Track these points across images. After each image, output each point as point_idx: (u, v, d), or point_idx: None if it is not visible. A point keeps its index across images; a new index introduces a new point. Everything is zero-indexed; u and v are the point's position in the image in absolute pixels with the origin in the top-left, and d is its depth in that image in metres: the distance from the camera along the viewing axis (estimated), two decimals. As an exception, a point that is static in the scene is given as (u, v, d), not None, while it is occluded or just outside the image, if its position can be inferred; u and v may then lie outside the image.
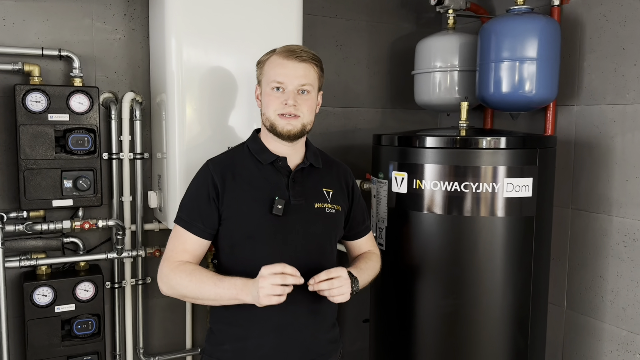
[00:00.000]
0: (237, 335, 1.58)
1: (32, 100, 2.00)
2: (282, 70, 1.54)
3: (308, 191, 1.62)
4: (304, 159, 1.65)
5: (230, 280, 1.48)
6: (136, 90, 2.30)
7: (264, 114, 1.59)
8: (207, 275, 1.51)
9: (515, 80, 2.15)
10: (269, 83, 1.56)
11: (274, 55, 1.58)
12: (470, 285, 1.96)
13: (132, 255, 2.28)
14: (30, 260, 2.10)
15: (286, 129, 1.55)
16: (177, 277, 1.51)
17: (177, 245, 1.57)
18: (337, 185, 1.71)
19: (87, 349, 2.17)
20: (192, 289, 1.50)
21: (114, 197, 2.28)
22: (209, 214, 1.55)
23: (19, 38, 2.10)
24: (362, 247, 1.81)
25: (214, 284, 1.48)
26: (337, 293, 1.49)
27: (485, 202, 1.90)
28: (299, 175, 1.62)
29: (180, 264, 1.54)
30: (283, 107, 1.54)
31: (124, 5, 2.27)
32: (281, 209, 1.54)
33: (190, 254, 1.57)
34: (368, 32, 2.78)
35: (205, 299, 1.52)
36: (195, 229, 1.56)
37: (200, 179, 1.60)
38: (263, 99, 1.60)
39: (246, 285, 1.45)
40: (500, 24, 2.17)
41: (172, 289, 1.53)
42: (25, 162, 2.01)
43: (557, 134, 2.37)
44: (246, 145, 1.66)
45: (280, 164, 1.60)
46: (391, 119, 2.90)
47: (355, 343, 2.88)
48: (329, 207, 1.64)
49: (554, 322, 2.40)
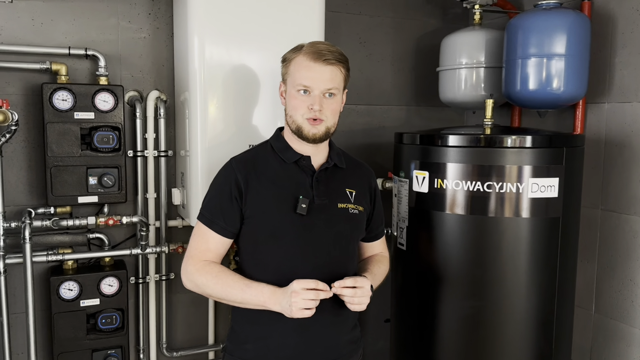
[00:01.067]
0: (259, 334, 1.58)
1: (58, 98, 2.05)
2: (308, 73, 1.52)
3: (332, 191, 1.61)
4: (328, 159, 1.64)
5: (257, 287, 1.50)
6: (161, 88, 2.33)
7: (290, 115, 1.57)
8: (233, 279, 1.52)
9: (543, 77, 2.10)
10: (294, 85, 1.54)
11: (300, 54, 1.54)
12: (492, 287, 1.92)
13: (156, 252, 2.31)
14: (57, 255, 2.15)
15: (311, 132, 1.55)
16: (203, 277, 1.54)
17: (200, 243, 1.58)
18: (361, 186, 1.69)
19: (111, 343, 2.21)
20: (218, 290, 1.53)
21: (139, 194, 2.32)
22: (231, 212, 1.55)
23: (48, 38, 2.15)
24: (374, 249, 1.80)
25: (240, 289, 1.50)
26: (357, 302, 1.51)
27: (510, 202, 1.86)
28: (323, 174, 1.61)
29: (205, 264, 1.55)
30: (309, 111, 1.53)
31: (148, 5, 2.29)
32: (305, 208, 1.54)
33: (213, 252, 1.58)
34: (393, 29, 2.75)
35: (232, 301, 1.55)
36: (217, 227, 1.56)
37: (223, 177, 1.59)
38: (288, 100, 1.58)
39: (274, 295, 1.47)
40: (527, 19, 2.12)
41: (197, 287, 1.56)
42: (52, 159, 2.06)
43: (586, 132, 2.30)
44: (269, 144, 1.65)
45: (304, 163, 1.59)
46: (416, 116, 2.86)
47: (377, 343, 2.86)
48: (352, 208, 1.63)
49: (581, 326, 2.34)
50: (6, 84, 2.10)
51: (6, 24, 2.09)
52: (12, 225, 2.06)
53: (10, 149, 2.12)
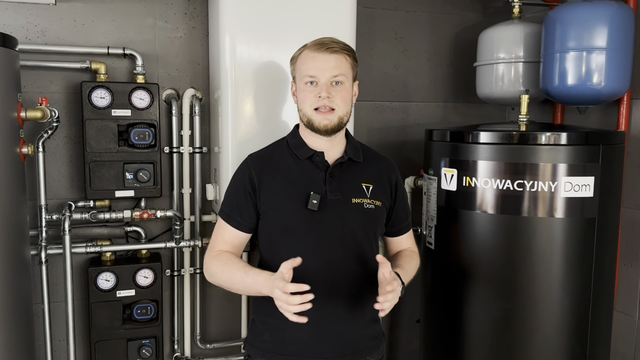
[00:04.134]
0: (277, 326, 1.60)
1: (97, 96, 2.13)
2: (313, 63, 1.53)
3: (346, 186, 1.60)
4: (343, 153, 1.63)
5: (253, 275, 1.50)
6: (196, 86, 2.38)
7: (301, 109, 1.59)
8: (237, 267, 1.54)
9: (582, 72, 2.01)
10: (302, 78, 1.56)
11: (305, 50, 1.58)
12: (523, 289, 1.86)
13: (190, 245, 2.37)
14: (95, 247, 2.24)
15: (323, 123, 1.54)
16: (214, 266, 1.58)
17: (217, 236, 1.63)
18: (379, 180, 1.67)
19: (146, 333, 2.28)
20: (225, 278, 1.56)
21: (174, 189, 2.38)
22: (246, 208, 1.59)
23: (88, 38, 2.24)
24: (402, 244, 1.77)
25: (241, 277, 1.52)
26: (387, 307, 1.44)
27: (543, 202, 1.80)
28: (337, 169, 1.61)
29: (218, 254, 1.59)
30: (317, 100, 1.52)
31: (184, 5, 2.35)
32: (316, 204, 1.54)
33: (229, 244, 1.62)
34: (429, 24, 2.70)
35: (237, 289, 1.57)
36: (234, 222, 1.60)
37: (239, 173, 1.63)
38: (298, 95, 1.60)
39: (267, 283, 1.45)
40: (566, 11, 2.03)
41: (211, 276, 1.60)
42: (90, 154, 2.14)
43: (631, 129, 2.18)
44: (286, 140, 1.67)
45: (318, 158, 1.60)
46: (454, 113, 2.81)
47: (412, 343, 2.82)
48: (368, 203, 1.61)
49: (623, 332, 2.23)
50: (50, 82, 2.21)
51: (50, 25, 2.19)
52: (53, 218, 2.16)
53: (52, 144, 2.23)
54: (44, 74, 2.20)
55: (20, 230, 1.92)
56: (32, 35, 2.17)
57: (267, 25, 2.07)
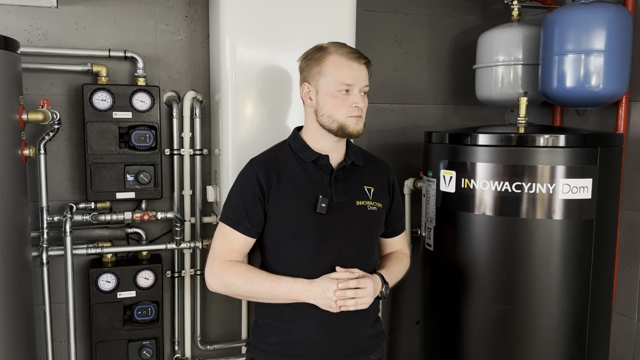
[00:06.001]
0: (283, 329, 1.61)
1: (98, 98, 2.14)
2: (350, 72, 1.54)
3: (350, 189, 1.62)
4: (346, 157, 1.65)
5: (287, 282, 1.52)
6: (197, 89, 2.40)
7: (330, 115, 1.56)
8: (261, 277, 1.54)
9: (581, 74, 2.02)
10: (336, 85, 1.54)
11: (334, 54, 1.55)
12: (521, 290, 1.86)
13: (191, 247, 2.38)
14: (96, 249, 2.25)
15: (356, 129, 1.57)
16: (231, 277, 1.55)
17: (225, 244, 1.59)
18: (379, 182, 1.70)
19: (147, 334, 2.29)
20: (247, 289, 1.54)
21: (175, 191, 2.39)
22: (255, 212, 1.57)
23: (90, 40, 2.25)
24: (394, 245, 1.79)
25: (270, 286, 1.53)
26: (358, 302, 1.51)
27: (542, 203, 1.80)
28: (341, 173, 1.62)
29: (232, 264, 1.57)
30: (353, 109, 1.55)
31: (185, 7, 2.36)
32: (325, 207, 1.55)
33: (238, 252, 1.60)
34: (429, 26, 2.71)
35: (262, 298, 1.57)
36: (243, 227, 1.57)
37: (245, 178, 1.61)
38: (324, 100, 1.56)
39: (307, 290, 1.50)
40: (564, 14, 2.04)
41: (226, 287, 1.57)
42: (91, 156, 2.16)
43: (630, 131, 2.19)
44: (288, 144, 1.66)
45: (323, 162, 1.61)
46: (454, 115, 2.81)
47: (412, 344, 2.83)
48: (371, 205, 1.64)
49: (622, 334, 2.23)
50: (51, 85, 2.22)
51: (52, 28, 2.20)
52: (54, 219, 2.18)
53: (54, 146, 2.24)
54: (45, 77, 2.21)
55: (22, 232, 1.93)
56: (34, 38, 2.19)
57: (267, 28, 2.08)
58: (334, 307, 1.49)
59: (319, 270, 1.54)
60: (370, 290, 1.52)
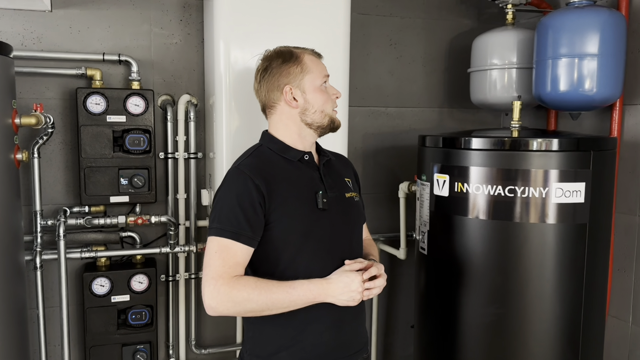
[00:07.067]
0: (294, 338, 1.53)
1: (92, 102, 2.14)
2: (323, 66, 1.60)
3: (337, 182, 1.63)
4: (321, 154, 1.66)
5: (301, 285, 1.45)
6: (191, 92, 2.39)
7: (322, 110, 1.56)
8: (274, 285, 1.43)
9: (574, 78, 2.02)
10: (321, 79, 1.57)
11: (305, 54, 1.59)
12: (515, 294, 1.86)
13: (185, 250, 2.38)
14: (90, 252, 2.25)
15: (338, 120, 1.62)
16: (243, 292, 1.41)
17: (227, 259, 1.44)
18: (350, 174, 1.73)
19: (141, 338, 2.29)
20: (262, 301, 1.42)
21: (170, 195, 2.39)
22: (256, 220, 1.47)
23: (84, 44, 2.25)
24: (364, 233, 1.78)
25: (286, 292, 1.43)
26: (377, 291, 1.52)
27: (535, 207, 1.80)
28: (325, 168, 1.63)
29: (239, 279, 1.43)
30: (334, 101, 1.60)
31: (180, 11, 2.36)
32: (326, 203, 1.54)
33: (242, 266, 1.46)
34: (424, 30, 2.71)
35: (277, 308, 1.45)
36: (245, 238, 1.45)
37: (241, 186, 1.49)
38: (314, 96, 1.55)
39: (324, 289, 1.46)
40: (558, 18, 2.04)
41: (237, 305, 1.42)
42: (85, 160, 2.16)
43: (624, 135, 2.19)
44: (266, 147, 1.61)
45: (308, 159, 1.60)
46: (449, 119, 2.81)
47: (407, 348, 2.83)
48: (355, 196, 1.66)
49: (617, 337, 2.23)
50: (46, 88, 2.22)
51: (46, 32, 2.20)
52: (48, 223, 2.17)
53: (48, 150, 2.24)
54: (40, 80, 2.21)
55: (15, 236, 1.93)
56: (28, 42, 2.19)
57: (261, 31, 2.08)
58: (357, 300, 1.46)
59: (329, 267, 1.50)
60: (384, 274, 1.54)
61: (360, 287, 1.46)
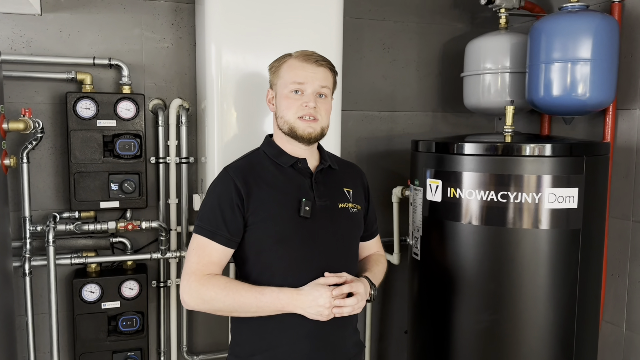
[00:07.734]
0: (269, 344, 1.54)
1: (82, 107, 2.12)
2: (302, 72, 1.53)
3: (331, 191, 1.60)
4: (322, 160, 1.64)
5: (271, 292, 1.45)
6: (183, 96, 2.38)
7: (282, 117, 1.56)
8: (244, 288, 1.46)
9: (567, 83, 2.01)
10: (287, 85, 1.54)
11: (290, 58, 1.57)
12: (508, 300, 1.85)
13: (176, 256, 2.36)
14: (80, 258, 2.23)
15: (307, 131, 1.53)
16: (211, 291, 1.45)
17: (202, 257, 1.50)
18: (356, 185, 1.69)
19: (131, 345, 2.27)
20: (229, 302, 1.45)
21: (161, 200, 2.37)
22: (234, 221, 1.50)
23: (74, 48, 2.23)
24: (371, 248, 1.78)
25: (254, 297, 1.45)
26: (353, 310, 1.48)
27: (528, 213, 1.79)
28: (320, 176, 1.60)
29: (210, 277, 1.47)
30: (303, 109, 1.52)
31: (171, 15, 2.35)
32: (309, 211, 1.52)
33: (217, 265, 1.51)
34: (418, 34, 2.71)
35: (245, 312, 1.48)
36: (221, 237, 1.49)
37: (220, 186, 1.54)
38: (280, 102, 1.57)
39: (294, 299, 1.45)
40: (551, 22, 2.04)
41: (205, 302, 1.47)
42: (75, 165, 2.13)
43: (617, 139, 2.18)
44: (262, 151, 1.63)
45: (301, 165, 1.58)
46: (442, 123, 2.81)
47: (401, 354, 2.81)
48: (352, 207, 1.63)
49: (611, 343, 2.22)
50: (35, 93, 2.20)
51: (36, 36, 2.18)
52: (38, 229, 2.15)
53: (38, 155, 2.22)
54: (29, 85, 2.19)
55: (2, 242, 1.90)
56: (18, 46, 2.16)
57: (253, 35, 2.07)
58: (325, 315, 1.44)
59: (306, 276, 1.49)
60: (363, 293, 1.50)
61: (327, 303, 1.43)
